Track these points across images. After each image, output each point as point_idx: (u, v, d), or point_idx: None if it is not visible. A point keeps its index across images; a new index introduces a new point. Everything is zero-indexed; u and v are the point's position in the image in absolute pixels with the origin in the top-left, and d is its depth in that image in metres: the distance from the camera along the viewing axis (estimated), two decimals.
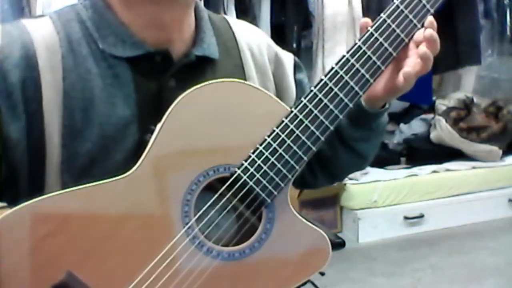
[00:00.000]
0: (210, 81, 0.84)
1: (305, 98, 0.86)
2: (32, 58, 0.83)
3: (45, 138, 0.83)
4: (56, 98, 0.83)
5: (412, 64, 0.88)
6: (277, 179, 0.84)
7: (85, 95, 0.84)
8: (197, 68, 0.91)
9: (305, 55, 3.48)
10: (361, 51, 0.87)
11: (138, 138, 0.84)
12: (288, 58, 1.05)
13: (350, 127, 0.99)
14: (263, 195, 0.84)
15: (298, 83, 1.05)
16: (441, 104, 4.09)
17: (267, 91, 0.91)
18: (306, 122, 0.85)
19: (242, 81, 0.87)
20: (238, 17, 3.02)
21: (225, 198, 0.83)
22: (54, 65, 0.84)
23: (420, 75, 0.89)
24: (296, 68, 1.06)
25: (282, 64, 1.03)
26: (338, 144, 1.02)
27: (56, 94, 0.83)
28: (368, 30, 0.87)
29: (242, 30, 1.02)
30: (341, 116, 0.87)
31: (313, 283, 2.51)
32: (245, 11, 3.28)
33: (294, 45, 3.42)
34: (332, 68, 0.86)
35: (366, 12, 3.48)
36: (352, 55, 0.87)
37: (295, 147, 0.85)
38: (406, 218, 3.63)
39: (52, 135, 0.83)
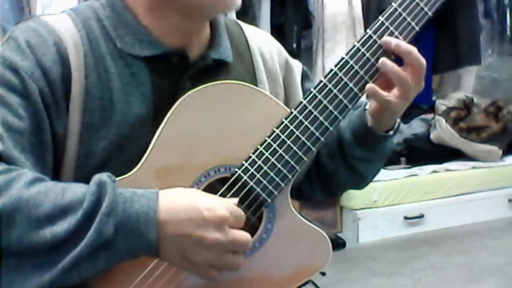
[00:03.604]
0: (211, 83, 0.85)
1: (304, 99, 0.86)
2: (64, 54, 0.84)
3: (67, 135, 0.84)
4: (79, 96, 0.84)
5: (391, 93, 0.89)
6: (277, 179, 0.85)
7: (104, 94, 0.85)
8: (212, 71, 0.92)
9: (305, 55, 3.47)
10: (360, 53, 0.87)
11: (151, 137, 0.84)
12: (297, 66, 1.06)
13: (354, 145, 0.98)
14: (264, 195, 0.85)
15: (305, 92, 1.05)
16: (441, 104, 4.08)
17: (266, 92, 0.92)
18: (306, 123, 0.86)
19: (242, 82, 0.88)
20: (238, 17, 3.02)
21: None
22: (80, 63, 0.84)
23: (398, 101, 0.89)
24: (304, 77, 1.07)
25: (291, 71, 1.04)
26: (340, 161, 1.02)
27: (80, 92, 0.84)
28: (367, 33, 0.88)
29: (254, 35, 1.03)
30: (341, 118, 0.87)
31: (313, 283, 2.51)
32: (245, 11, 3.28)
33: (294, 45, 3.42)
34: (331, 70, 0.87)
35: (366, 12, 3.48)
36: (351, 57, 0.87)
37: (295, 148, 0.85)
38: (406, 218, 3.63)
39: (72, 132, 0.84)
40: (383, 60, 0.87)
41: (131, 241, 0.74)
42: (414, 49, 0.88)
